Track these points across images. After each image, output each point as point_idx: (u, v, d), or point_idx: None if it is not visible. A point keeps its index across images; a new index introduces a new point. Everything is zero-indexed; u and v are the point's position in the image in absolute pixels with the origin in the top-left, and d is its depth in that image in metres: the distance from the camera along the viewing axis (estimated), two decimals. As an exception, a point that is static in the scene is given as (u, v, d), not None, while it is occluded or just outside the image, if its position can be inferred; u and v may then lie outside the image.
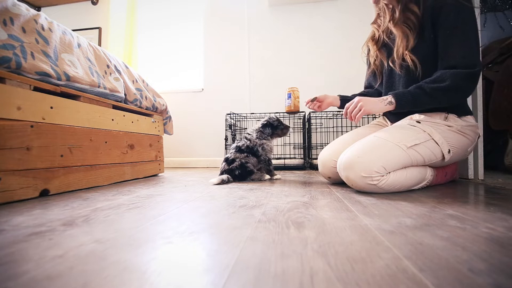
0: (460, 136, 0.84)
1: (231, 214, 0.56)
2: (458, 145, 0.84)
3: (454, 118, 0.85)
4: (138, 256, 0.34)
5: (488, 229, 0.43)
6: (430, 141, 0.80)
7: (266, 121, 1.23)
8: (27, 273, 0.29)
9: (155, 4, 2.42)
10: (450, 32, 0.77)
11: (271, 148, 1.23)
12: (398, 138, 0.78)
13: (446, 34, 0.78)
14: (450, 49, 0.78)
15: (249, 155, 1.15)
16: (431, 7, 0.81)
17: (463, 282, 0.27)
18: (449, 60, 0.78)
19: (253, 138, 1.19)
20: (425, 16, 0.82)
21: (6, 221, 0.50)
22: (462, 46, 0.76)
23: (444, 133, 0.82)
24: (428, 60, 0.83)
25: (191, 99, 2.29)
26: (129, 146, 1.22)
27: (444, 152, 0.81)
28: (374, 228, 0.45)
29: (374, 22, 0.99)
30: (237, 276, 0.28)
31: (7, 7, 0.74)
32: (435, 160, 0.82)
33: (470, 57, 0.76)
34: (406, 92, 0.81)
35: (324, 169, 1.02)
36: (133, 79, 1.33)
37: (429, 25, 0.81)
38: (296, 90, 1.85)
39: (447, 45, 0.78)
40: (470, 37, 0.77)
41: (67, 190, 0.86)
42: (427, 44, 0.83)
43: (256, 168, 1.19)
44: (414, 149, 0.78)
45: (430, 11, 0.81)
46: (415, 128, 0.82)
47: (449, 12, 0.77)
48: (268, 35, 2.20)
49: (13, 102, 0.71)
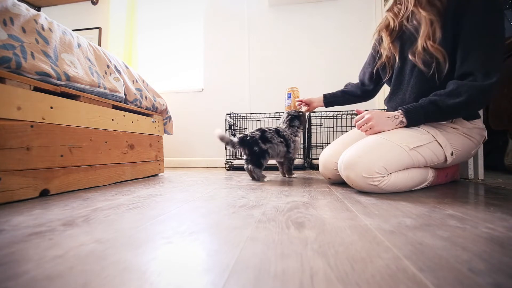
0: (465, 139, 0.82)
1: (231, 214, 0.56)
2: (462, 148, 0.82)
3: (462, 121, 0.82)
4: (138, 256, 0.34)
5: (488, 229, 0.43)
6: (434, 142, 0.78)
7: (291, 115, 1.23)
8: (27, 273, 0.29)
9: (155, 4, 2.42)
10: (474, 33, 0.70)
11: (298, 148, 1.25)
12: (400, 138, 0.76)
13: (469, 36, 0.71)
14: (471, 53, 0.71)
15: (281, 144, 1.15)
16: (456, 5, 0.73)
17: (463, 282, 0.27)
18: (469, 65, 0.71)
19: (287, 132, 1.19)
20: (449, 10, 0.73)
21: (6, 221, 0.50)
22: (485, 50, 0.69)
23: (448, 135, 0.80)
24: (445, 59, 0.76)
25: (191, 99, 2.29)
26: (129, 146, 1.22)
27: (447, 154, 0.79)
28: (374, 228, 0.45)
29: (390, 9, 0.90)
30: (237, 276, 0.28)
31: (7, 7, 0.74)
32: (437, 162, 0.81)
33: (490, 63, 0.69)
34: (418, 108, 0.76)
35: (325, 170, 1.02)
36: (133, 79, 1.33)
37: (451, 20, 0.73)
38: (296, 90, 1.85)
39: (469, 47, 0.71)
40: (496, 41, 0.69)
41: (67, 190, 0.86)
42: (446, 42, 0.74)
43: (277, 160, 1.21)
44: (416, 151, 0.76)
45: (455, 4, 0.73)
46: (419, 129, 0.79)
47: (478, 8, 0.69)
48: (268, 35, 2.20)
49: (13, 102, 0.71)
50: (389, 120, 0.80)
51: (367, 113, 0.83)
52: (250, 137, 1.11)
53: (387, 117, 0.81)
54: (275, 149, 1.14)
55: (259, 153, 1.09)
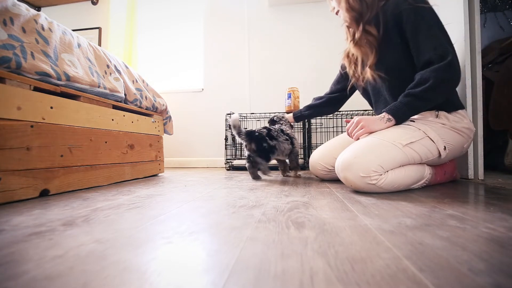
0: (455, 134, 0.85)
1: (231, 214, 0.56)
2: (453, 142, 0.85)
3: (445, 115, 0.86)
4: (138, 256, 0.34)
5: (488, 229, 0.43)
6: (426, 138, 0.81)
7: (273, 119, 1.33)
8: (27, 273, 0.29)
9: (155, 4, 2.42)
10: (415, 30, 0.81)
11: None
12: (393, 137, 0.79)
13: (412, 34, 0.82)
14: (420, 46, 0.80)
15: (287, 141, 1.21)
16: (392, 15, 0.85)
17: (463, 282, 0.27)
18: (423, 55, 0.80)
19: (290, 131, 1.25)
20: (389, 25, 0.86)
21: (6, 221, 0.50)
22: (430, 39, 0.79)
23: (438, 131, 0.83)
24: (402, 64, 0.87)
25: (191, 99, 2.29)
26: (129, 146, 1.22)
27: (440, 149, 0.82)
28: (374, 228, 0.45)
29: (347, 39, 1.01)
30: (237, 276, 0.28)
31: (7, 7, 0.74)
32: (431, 158, 0.83)
33: (440, 47, 0.78)
34: (398, 105, 0.82)
35: (313, 170, 1.17)
36: (133, 79, 1.33)
37: (396, 32, 0.85)
38: (296, 90, 1.85)
39: (417, 43, 0.81)
40: (434, 29, 0.80)
41: (67, 190, 0.86)
42: (397, 50, 0.87)
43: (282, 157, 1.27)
44: (410, 147, 0.79)
45: (393, 19, 0.85)
46: (410, 126, 0.83)
47: (409, 14, 0.81)
48: (268, 35, 2.20)
49: (13, 102, 0.71)
50: (378, 120, 0.84)
51: (356, 118, 0.88)
52: (258, 133, 1.14)
53: (375, 118, 0.85)
54: (281, 146, 1.18)
55: (268, 149, 1.14)
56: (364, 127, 0.85)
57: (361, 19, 0.89)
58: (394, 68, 0.88)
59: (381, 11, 0.88)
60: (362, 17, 0.89)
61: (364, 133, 0.85)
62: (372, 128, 0.84)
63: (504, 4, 1.69)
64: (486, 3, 1.72)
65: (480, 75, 1.10)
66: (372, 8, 0.88)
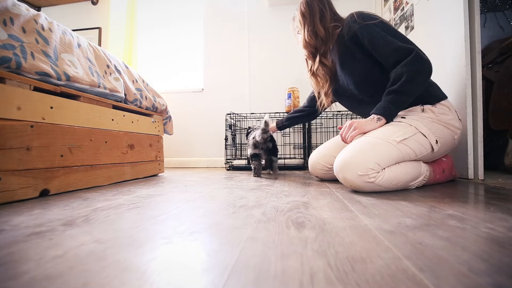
0: (443, 128, 0.87)
1: (231, 214, 0.56)
2: (442, 136, 0.87)
3: (430, 108, 0.88)
4: (138, 256, 0.34)
5: (488, 229, 0.43)
6: (418, 134, 0.83)
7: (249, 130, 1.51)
8: (27, 273, 0.29)
9: (155, 4, 2.42)
10: (372, 44, 0.87)
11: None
12: (387, 134, 0.81)
13: (372, 47, 0.88)
14: (384, 53, 0.86)
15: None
16: (349, 37, 0.93)
17: (463, 282, 0.27)
18: (390, 58, 0.85)
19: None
20: (350, 44, 0.94)
21: (6, 221, 0.50)
22: (388, 45, 0.85)
23: (429, 125, 0.85)
24: (374, 72, 0.93)
25: (191, 99, 2.29)
26: (129, 146, 1.22)
27: (432, 143, 0.84)
28: (374, 228, 0.45)
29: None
30: (237, 276, 0.28)
31: (7, 7, 0.74)
32: (425, 153, 0.85)
33: (400, 48, 0.83)
34: (383, 104, 0.85)
35: (312, 170, 1.19)
36: (133, 79, 1.33)
37: (357, 49, 0.93)
38: (296, 90, 1.85)
39: (379, 52, 0.87)
40: (388, 37, 0.85)
41: (67, 190, 0.86)
42: (362, 64, 0.94)
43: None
44: (404, 144, 0.81)
45: (350, 39, 0.93)
46: (402, 123, 0.85)
47: (362, 32, 0.89)
48: (268, 35, 2.20)
49: (13, 102, 0.71)
50: (369, 121, 0.87)
51: (348, 122, 0.92)
52: (271, 136, 1.31)
53: (366, 120, 0.88)
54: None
55: (276, 148, 1.37)
56: (357, 128, 0.87)
57: (317, 53, 1.01)
58: (366, 77, 0.95)
59: (338, 37, 0.97)
60: (317, 50, 1.00)
61: (357, 134, 0.87)
62: (365, 129, 0.86)
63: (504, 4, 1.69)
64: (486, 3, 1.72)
65: (480, 75, 1.10)
66: (326, 42, 0.98)
